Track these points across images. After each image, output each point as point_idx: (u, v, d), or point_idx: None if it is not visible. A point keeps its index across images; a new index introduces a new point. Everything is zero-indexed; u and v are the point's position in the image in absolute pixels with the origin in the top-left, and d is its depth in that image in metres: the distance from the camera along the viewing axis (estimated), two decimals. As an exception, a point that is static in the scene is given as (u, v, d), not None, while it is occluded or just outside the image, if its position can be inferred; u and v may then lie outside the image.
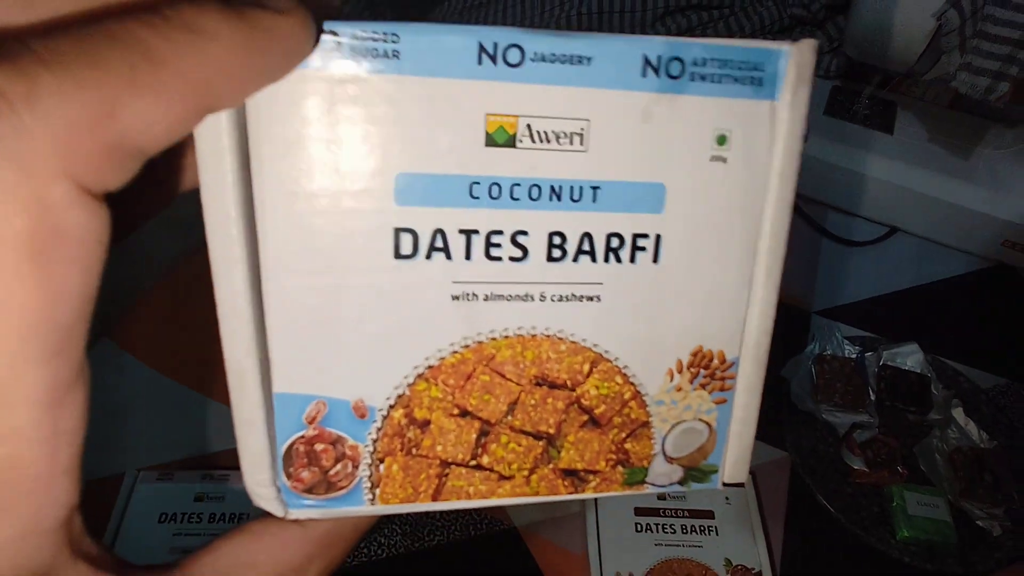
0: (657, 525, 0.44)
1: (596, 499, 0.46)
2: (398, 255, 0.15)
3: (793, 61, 0.16)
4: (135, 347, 0.52)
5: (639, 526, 0.44)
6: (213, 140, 0.14)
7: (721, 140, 0.16)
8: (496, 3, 0.81)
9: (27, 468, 0.11)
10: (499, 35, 0.15)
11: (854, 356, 0.55)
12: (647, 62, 0.15)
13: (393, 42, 0.14)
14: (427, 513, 0.46)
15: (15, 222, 0.10)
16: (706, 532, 0.44)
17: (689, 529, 0.44)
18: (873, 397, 0.54)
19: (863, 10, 0.58)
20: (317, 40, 0.14)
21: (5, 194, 0.10)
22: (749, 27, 0.73)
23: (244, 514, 0.42)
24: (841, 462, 0.50)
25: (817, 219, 0.67)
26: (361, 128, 0.15)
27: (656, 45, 0.15)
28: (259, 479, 0.16)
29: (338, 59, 0.14)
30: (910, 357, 0.56)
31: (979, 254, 0.66)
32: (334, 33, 0.14)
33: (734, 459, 0.19)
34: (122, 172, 0.11)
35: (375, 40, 0.14)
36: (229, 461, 0.46)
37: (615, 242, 0.17)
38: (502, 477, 0.18)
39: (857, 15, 0.59)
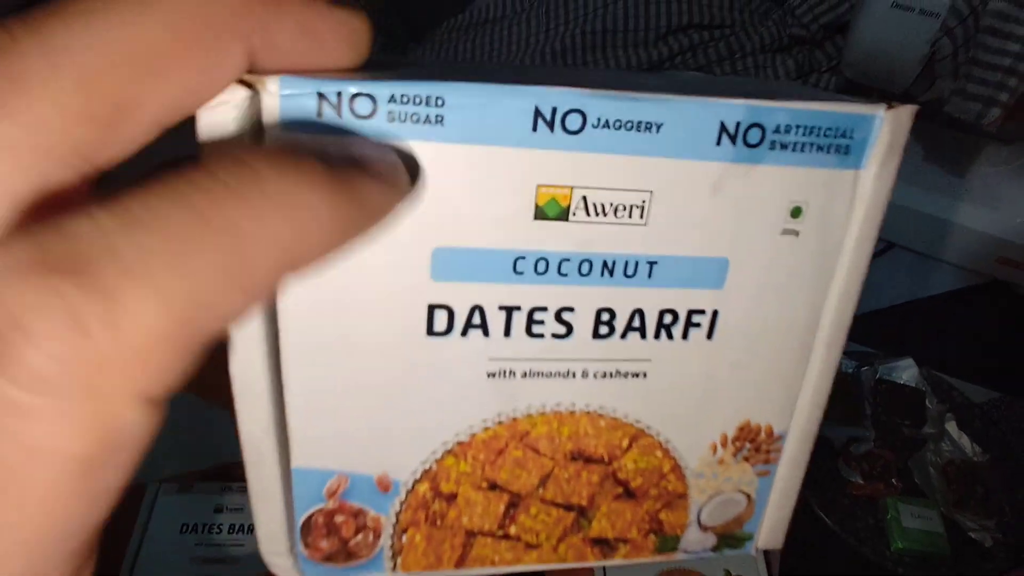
0: (659, 537, 0.46)
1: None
2: (431, 332, 0.14)
3: (887, 128, 0.14)
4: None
5: (642, 537, 0.46)
6: None
7: (796, 212, 0.15)
8: (502, 21, 0.83)
9: None
10: (559, 98, 0.13)
11: (850, 370, 0.57)
12: (723, 129, 0.14)
13: (438, 106, 0.13)
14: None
15: (76, 446, 0.09)
16: (706, 543, 0.45)
17: (690, 540, 0.46)
18: (869, 411, 0.55)
19: (860, 34, 0.59)
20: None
21: (72, 421, 0.09)
22: (750, 46, 0.75)
23: (262, 525, 0.44)
24: (838, 474, 0.51)
25: (816, 234, 0.69)
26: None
27: (736, 110, 0.14)
28: (275, 549, 0.16)
29: (374, 124, 0.12)
30: (905, 372, 0.57)
31: (974, 270, 0.67)
32: (371, 97, 0.12)
33: (771, 527, 0.18)
34: (188, 367, 0.10)
35: (417, 104, 0.13)
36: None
37: (668, 318, 0.15)
38: (529, 546, 0.17)
39: (854, 38, 0.60)
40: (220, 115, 0.12)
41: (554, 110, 0.13)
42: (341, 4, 0.12)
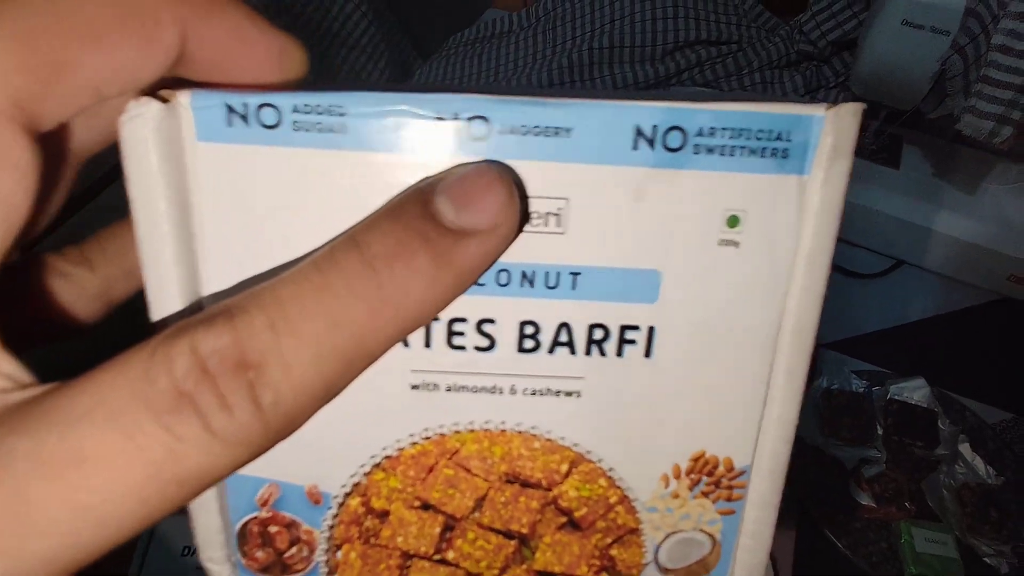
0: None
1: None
2: None
3: (830, 128, 0.13)
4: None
5: (650, 562, 0.45)
6: (152, 223, 0.13)
7: (732, 222, 0.14)
8: (508, 36, 0.83)
9: None
10: (460, 105, 0.13)
11: (861, 390, 0.56)
12: (639, 133, 0.13)
13: (339, 115, 0.13)
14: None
15: (222, 471, 0.11)
16: (716, 568, 0.45)
17: (700, 565, 0.45)
18: (880, 432, 0.54)
19: (869, 50, 0.59)
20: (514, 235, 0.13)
21: (227, 458, 0.11)
22: (757, 62, 0.75)
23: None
24: (849, 497, 0.51)
25: (824, 251, 0.68)
26: (309, 210, 0.13)
27: (651, 113, 0.13)
28: (213, 556, 0.16)
29: (281, 134, 0.13)
30: (917, 392, 0.56)
31: (985, 288, 0.67)
32: (274, 107, 0.13)
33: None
34: None
35: (320, 113, 0.13)
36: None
37: (598, 333, 0.15)
38: (469, 573, 0.17)
39: (863, 56, 0.60)
40: (139, 127, 0.12)
41: (456, 116, 0.13)
42: (279, 28, 0.13)
